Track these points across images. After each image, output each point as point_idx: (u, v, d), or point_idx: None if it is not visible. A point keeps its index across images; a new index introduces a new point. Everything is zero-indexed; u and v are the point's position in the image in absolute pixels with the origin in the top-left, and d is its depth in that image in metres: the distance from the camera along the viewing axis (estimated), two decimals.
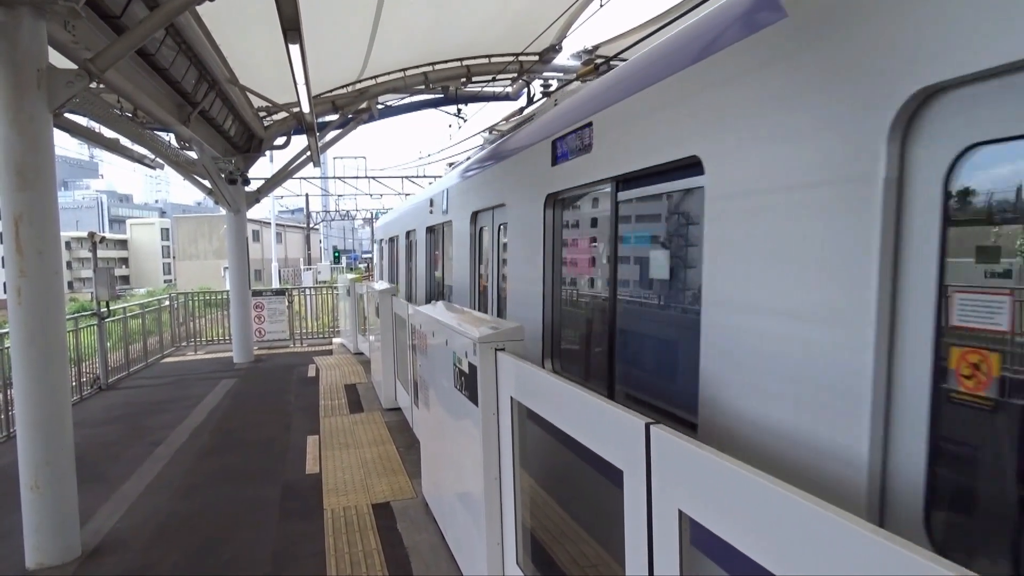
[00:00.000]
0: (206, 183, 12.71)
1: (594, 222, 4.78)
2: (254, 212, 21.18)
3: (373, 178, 36.64)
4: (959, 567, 1.16)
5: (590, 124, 4.37)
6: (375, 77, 12.73)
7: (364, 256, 66.95)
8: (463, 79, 12.81)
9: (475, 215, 7.62)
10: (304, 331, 17.21)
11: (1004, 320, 1.82)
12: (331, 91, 12.87)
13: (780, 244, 2.51)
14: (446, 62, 12.48)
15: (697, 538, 1.95)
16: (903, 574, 1.22)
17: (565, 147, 4.81)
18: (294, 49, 6.86)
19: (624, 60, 4.52)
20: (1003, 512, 1.87)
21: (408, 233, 13.08)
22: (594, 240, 4.76)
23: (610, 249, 4.30)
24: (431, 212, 10.19)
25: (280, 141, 13.95)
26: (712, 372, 2.93)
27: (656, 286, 3.91)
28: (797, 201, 2.43)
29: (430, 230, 10.64)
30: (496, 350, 3.52)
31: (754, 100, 2.67)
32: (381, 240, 18.59)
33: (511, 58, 12.18)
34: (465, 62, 12.49)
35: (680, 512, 1.92)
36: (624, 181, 4.07)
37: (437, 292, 10.25)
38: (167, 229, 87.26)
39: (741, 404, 2.73)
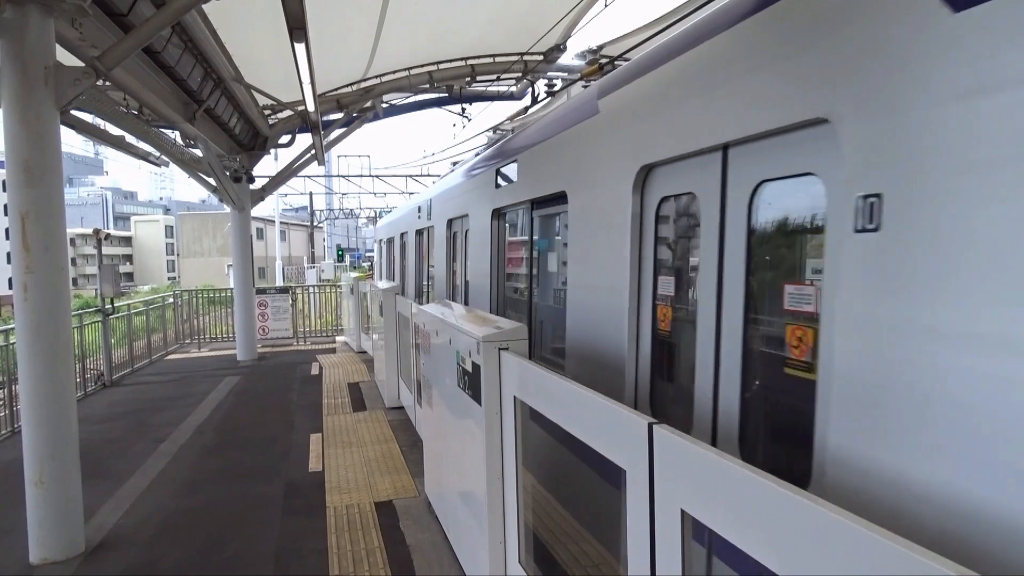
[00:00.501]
0: (211, 181, 12.72)
1: (522, 231, 6.32)
2: (258, 210, 21.16)
3: (377, 176, 36.66)
4: (961, 567, 1.16)
5: (516, 160, 6.02)
6: (380, 76, 12.75)
7: (367, 254, 67.01)
8: (467, 78, 12.82)
9: (449, 222, 9.09)
10: (307, 329, 17.25)
11: (672, 291, 3.51)
12: (336, 90, 12.89)
13: (599, 248, 4.16)
14: (451, 61, 12.50)
15: (699, 538, 1.96)
16: (905, 574, 1.22)
17: (503, 175, 6.44)
18: (299, 48, 6.87)
19: (628, 60, 4.73)
20: (682, 382, 3.43)
21: (402, 235, 14.08)
22: (522, 243, 6.29)
23: (529, 250, 5.96)
24: (419, 218, 11.69)
25: (285, 139, 13.98)
26: (571, 329, 4.54)
27: (554, 277, 5.52)
28: (604, 223, 4.07)
29: (419, 233, 11.89)
30: (500, 349, 3.53)
31: (587, 160, 4.38)
32: (380, 240, 20.44)
33: (516, 57, 12.19)
34: (470, 61, 12.51)
35: (682, 512, 1.93)
36: (536, 203, 5.67)
37: (424, 285, 11.79)
38: (171, 226, 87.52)
39: (580, 347, 4.39)
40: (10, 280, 4.99)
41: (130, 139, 9.71)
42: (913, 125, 1.89)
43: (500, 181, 6.61)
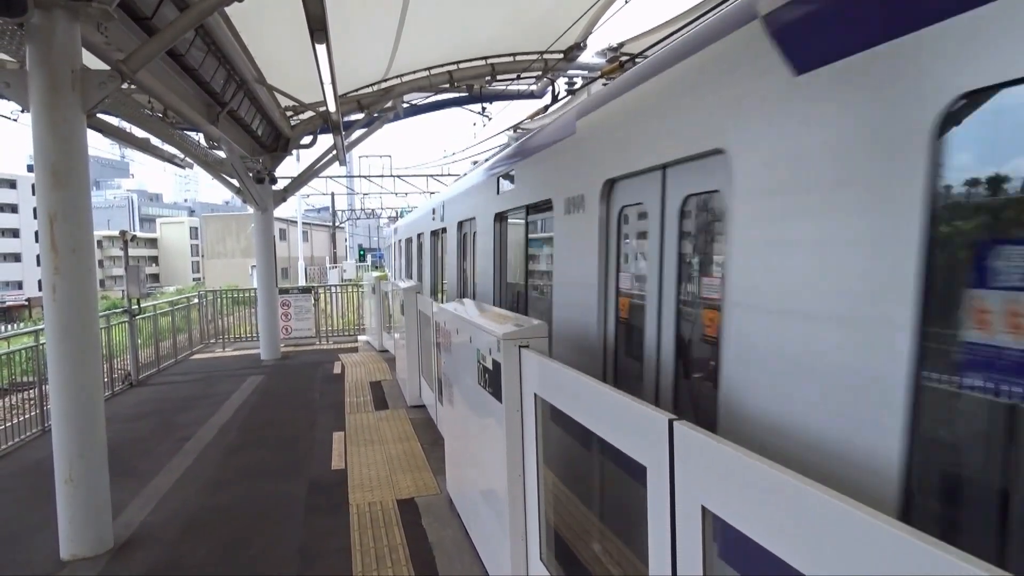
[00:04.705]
0: (234, 182, 12.86)
1: (518, 232, 6.56)
2: (281, 211, 21.39)
3: (398, 176, 36.81)
4: (992, 567, 1.14)
5: (515, 169, 6.34)
6: (400, 76, 12.79)
7: None
8: (488, 77, 12.82)
9: (460, 224, 9.55)
10: (330, 328, 17.34)
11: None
12: (357, 90, 12.96)
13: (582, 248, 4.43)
14: (471, 61, 12.50)
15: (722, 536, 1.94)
16: (932, 573, 1.20)
17: (504, 182, 6.80)
18: (320, 49, 6.92)
19: (648, 57, 4.59)
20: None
21: (419, 235, 14.52)
22: (523, 245, 6.47)
23: (525, 248, 6.30)
24: (433, 220, 12.12)
25: (306, 140, 14.08)
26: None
27: (544, 273, 5.80)
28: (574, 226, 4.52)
29: (433, 234, 12.32)
30: (520, 347, 3.53)
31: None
32: (397, 242, 21.28)
33: (536, 56, 12.16)
34: (490, 60, 12.50)
35: (703, 508, 1.92)
36: (530, 208, 6.02)
37: (438, 281, 12.17)
38: (196, 228, 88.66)
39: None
40: (40, 282, 5.07)
41: (155, 142, 9.86)
42: None
43: (500, 188, 6.77)
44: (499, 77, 12.93)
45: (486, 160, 9.60)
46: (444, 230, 10.87)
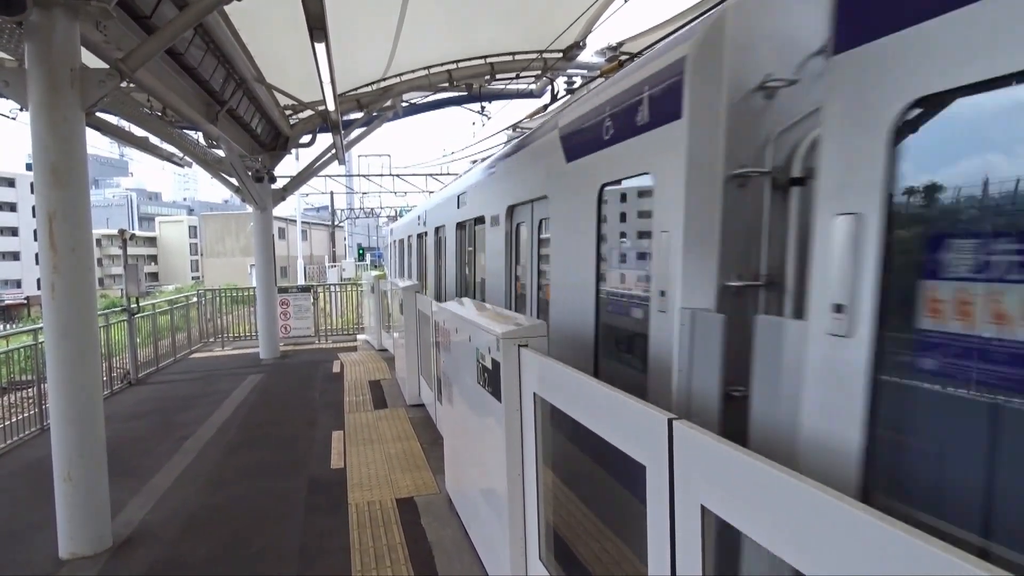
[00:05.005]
0: (233, 181, 12.83)
1: (471, 238, 8.68)
2: (280, 210, 21.35)
3: (397, 176, 36.75)
4: (993, 567, 1.14)
5: (467, 191, 8.54)
6: (400, 75, 12.77)
7: None
8: (487, 76, 12.80)
9: (436, 229, 11.44)
10: (329, 328, 17.35)
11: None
12: (356, 89, 12.94)
13: (495, 248, 6.81)
14: (470, 60, 12.48)
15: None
16: (932, 573, 1.20)
17: (461, 200, 8.96)
18: (320, 48, 6.91)
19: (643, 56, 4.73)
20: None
21: (409, 237, 16.07)
22: (471, 246, 8.70)
23: (474, 249, 8.31)
24: (419, 225, 14.13)
25: (306, 139, 14.07)
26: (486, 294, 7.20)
27: (483, 267, 7.66)
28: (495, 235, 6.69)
29: (419, 236, 14.25)
30: (519, 346, 3.52)
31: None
32: (392, 242, 23.54)
33: (535, 55, 12.15)
34: (489, 59, 12.48)
35: (703, 508, 1.92)
36: (475, 220, 8.06)
37: (423, 276, 13.94)
38: (195, 227, 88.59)
39: None
40: (39, 281, 5.07)
41: (154, 140, 9.84)
42: None
43: (459, 204, 9.09)
44: (498, 76, 12.91)
45: (460, 175, 11.86)
46: (426, 234, 12.93)
